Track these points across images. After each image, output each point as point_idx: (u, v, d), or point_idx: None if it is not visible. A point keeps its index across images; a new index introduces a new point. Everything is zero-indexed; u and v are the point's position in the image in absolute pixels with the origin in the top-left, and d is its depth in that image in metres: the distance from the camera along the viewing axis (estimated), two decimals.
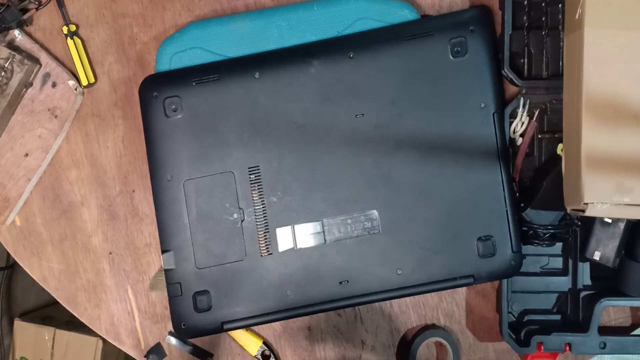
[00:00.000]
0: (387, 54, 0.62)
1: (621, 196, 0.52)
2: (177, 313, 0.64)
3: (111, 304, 0.70)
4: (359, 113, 0.62)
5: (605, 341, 0.62)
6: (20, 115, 0.69)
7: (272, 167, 0.63)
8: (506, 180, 0.61)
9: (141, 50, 0.69)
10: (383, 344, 0.68)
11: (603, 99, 0.53)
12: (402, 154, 0.62)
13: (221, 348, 0.69)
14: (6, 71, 0.67)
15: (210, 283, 0.63)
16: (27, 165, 0.69)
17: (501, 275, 0.62)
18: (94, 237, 0.70)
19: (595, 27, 0.53)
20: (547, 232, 0.61)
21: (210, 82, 0.63)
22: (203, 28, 0.65)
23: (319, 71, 0.62)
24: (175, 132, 0.63)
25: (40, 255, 0.70)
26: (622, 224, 0.60)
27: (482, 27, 0.62)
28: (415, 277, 0.62)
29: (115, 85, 0.69)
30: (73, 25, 0.69)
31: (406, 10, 0.63)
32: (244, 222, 0.63)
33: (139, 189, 0.69)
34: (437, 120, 0.61)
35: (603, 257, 0.60)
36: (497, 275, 0.62)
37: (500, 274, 0.62)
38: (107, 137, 0.70)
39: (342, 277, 0.62)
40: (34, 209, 0.70)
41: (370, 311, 0.68)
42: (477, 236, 0.61)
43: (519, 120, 0.63)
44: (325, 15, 0.64)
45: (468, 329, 0.68)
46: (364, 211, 0.62)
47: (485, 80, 0.61)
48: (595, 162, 0.52)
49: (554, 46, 0.63)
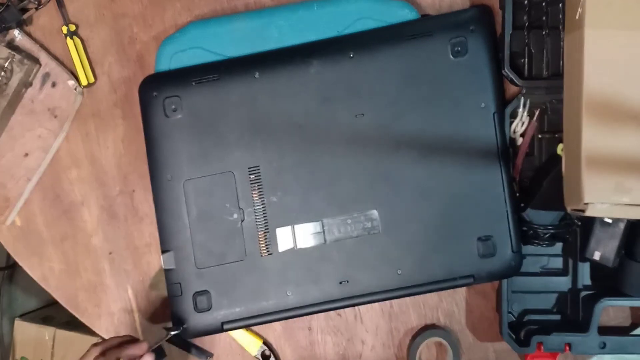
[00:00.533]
0: (387, 54, 0.62)
1: (621, 196, 0.52)
2: (177, 313, 0.64)
3: (111, 304, 0.70)
4: (359, 113, 0.62)
5: (605, 341, 0.62)
6: (20, 115, 0.69)
7: (272, 167, 0.63)
8: (506, 180, 0.61)
9: (141, 50, 0.69)
10: (383, 344, 0.68)
11: (603, 99, 0.53)
12: (402, 153, 0.62)
13: (221, 348, 0.69)
14: (6, 71, 0.67)
15: (210, 283, 0.63)
16: (27, 165, 0.69)
17: (501, 275, 0.62)
18: (94, 237, 0.70)
19: (595, 27, 0.53)
20: (547, 232, 0.61)
21: (210, 82, 0.63)
22: (203, 28, 0.65)
23: (319, 71, 0.62)
24: (175, 132, 0.63)
25: (41, 255, 0.70)
26: (622, 224, 0.60)
27: (482, 27, 0.62)
28: (415, 277, 0.62)
29: (115, 85, 0.69)
30: (73, 25, 0.69)
31: (406, 10, 0.63)
32: (244, 222, 0.63)
33: (139, 189, 0.69)
34: (437, 120, 0.61)
35: (603, 257, 0.60)
36: (497, 275, 0.62)
37: (500, 274, 0.62)
38: (107, 137, 0.69)
39: (342, 277, 0.62)
40: (34, 209, 0.70)
41: (370, 311, 0.68)
42: (477, 236, 0.61)
43: (519, 120, 0.63)
44: (325, 15, 0.64)
45: (468, 329, 0.67)
46: (364, 211, 0.62)
47: (485, 80, 0.61)
48: (595, 162, 0.52)
49: (554, 46, 0.63)
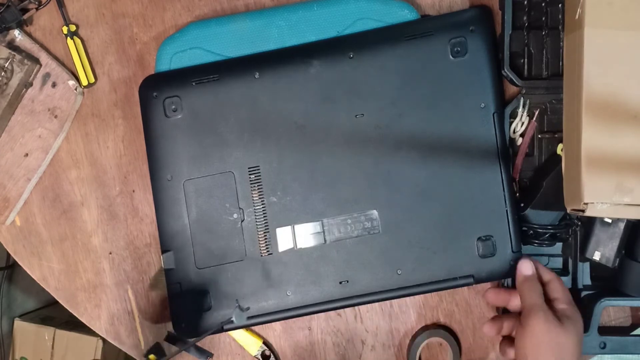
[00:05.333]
0: (387, 54, 0.62)
1: (621, 196, 0.52)
2: (177, 313, 0.64)
3: (111, 304, 0.70)
4: (359, 113, 0.62)
5: (605, 341, 0.62)
6: (20, 115, 0.69)
7: (272, 167, 0.63)
8: (506, 180, 0.61)
9: (141, 50, 0.69)
10: (383, 344, 0.68)
11: (603, 99, 0.53)
12: (402, 154, 0.62)
13: (221, 348, 0.69)
14: (6, 71, 0.67)
15: (210, 283, 0.63)
16: (27, 165, 0.69)
17: (501, 275, 0.62)
18: (94, 237, 0.70)
19: (595, 27, 0.53)
20: (547, 232, 0.61)
21: (210, 82, 0.63)
22: (203, 28, 0.65)
23: (319, 71, 0.62)
24: (175, 132, 0.63)
25: (40, 255, 0.70)
26: (622, 224, 0.60)
27: (482, 27, 0.62)
28: (415, 277, 0.62)
29: (115, 85, 0.69)
30: (73, 25, 0.69)
31: (406, 10, 0.63)
32: (244, 222, 0.63)
33: (139, 189, 0.69)
34: (437, 120, 0.61)
35: (603, 257, 0.60)
36: (497, 275, 0.62)
37: (500, 274, 0.62)
38: (107, 137, 0.69)
39: (342, 277, 0.62)
40: (34, 209, 0.70)
41: (370, 311, 0.68)
42: (477, 236, 0.61)
43: (519, 120, 0.63)
44: (325, 15, 0.64)
45: (468, 329, 0.67)
46: (364, 211, 0.62)
47: (485, 80, 0.61)
48: (595, 162, 0.52)
49: (554, 46, 0.63)
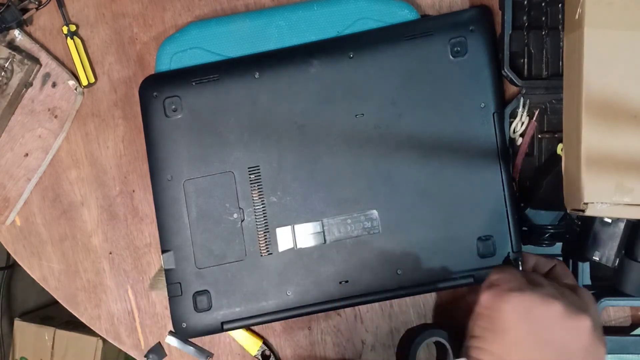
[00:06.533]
0: (387, 54, 0.62)
1: (621, 196, 0.52)
2: (177, 313, 0.64)
3: (111, 304, 0.70)
4: (359, 113, 0.62)
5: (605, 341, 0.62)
6: (20, 115, 0.69)
7: (272, 167, 0.63)
8: (506, 180, 0.61)
9: (141, 50, 0.69)
10: (383, 344, 0.68)
11: (603, 99, 0.53)
12: (402, 154, 0.62)
13: (221, 348, 0.69)
14: (6, 71, 0.67)
15: (210, 283, 0.63)
16: (27, 165, 0.69)
17: None
18: (94, 237, 0.70)
19: (595, 27, 0.53)
20: (547, 232, 0.61)
21: (210, 82, 0.63)
22: (203, 28, 0.65)
23: (319, 71, 0.62)
24: (175, 132, 0.63)
25: (40, 255, 0.70)
26: (622, 224, 0.60)
27: (482, 27, 0.62)
28: (415, 277, 0.62)
29: (115, 85, 0.69)
30: (73, 25, 0.69)
31: (406, 10, 0.63)
32: (244, 222, 0.63)
33: (139, 189, 0.69)
34: (437, 120, 0.61)
35: (603, 257, 0.60)
36: None
37: None
38: (107, 137, 0.70)
39: (342, 277, 0.62)
40: (34, 209, 0.70)
41: (370, 311, 0.68)
42: (477, 236, 0.61)
43: (519, 120, 0.63)
44: (325, 15, 0.64)
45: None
46: (364, 211, 0.62)
47: (485, 80, 0.61)
48: (595, 162, 0.52)
49: (554, 46, 0.63)
